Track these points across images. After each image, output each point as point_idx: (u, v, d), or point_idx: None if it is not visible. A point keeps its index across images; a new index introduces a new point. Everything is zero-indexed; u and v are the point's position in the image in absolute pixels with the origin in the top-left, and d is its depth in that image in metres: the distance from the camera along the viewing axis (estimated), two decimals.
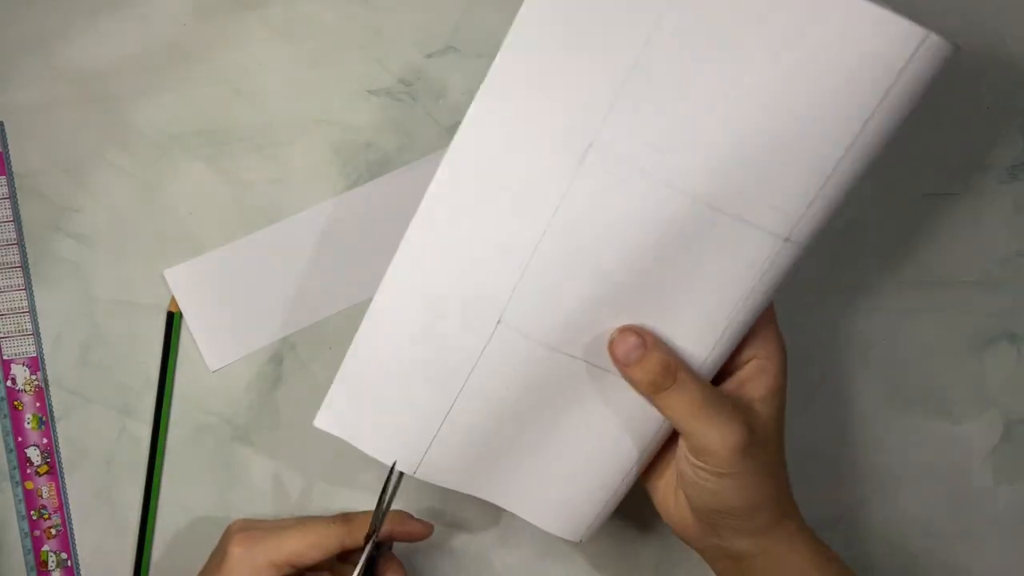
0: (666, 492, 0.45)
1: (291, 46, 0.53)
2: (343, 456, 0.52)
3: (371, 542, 0.46)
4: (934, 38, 0.37)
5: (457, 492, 0.47)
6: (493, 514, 0.50)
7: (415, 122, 0.53)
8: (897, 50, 0.37)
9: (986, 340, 0.56)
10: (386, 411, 0.45)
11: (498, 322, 0.43)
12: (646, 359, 0.41)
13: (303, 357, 0.54)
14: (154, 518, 0.54)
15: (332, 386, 0.46)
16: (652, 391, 0.41)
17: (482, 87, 0.41)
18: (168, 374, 0.53)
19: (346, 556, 0.48)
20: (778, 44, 0.38)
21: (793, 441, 0.56)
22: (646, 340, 0.41)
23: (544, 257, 0.41)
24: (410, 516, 0.49)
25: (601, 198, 0.40)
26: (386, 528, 0.48)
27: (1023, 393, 0.56)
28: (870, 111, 0.37)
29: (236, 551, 0.46)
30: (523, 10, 0.40)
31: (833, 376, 0.55)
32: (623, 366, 0.42)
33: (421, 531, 0.49)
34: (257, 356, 0.54)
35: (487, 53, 0.42)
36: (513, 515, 0.50)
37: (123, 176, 0.53)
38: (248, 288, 0.53)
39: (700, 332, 0.42)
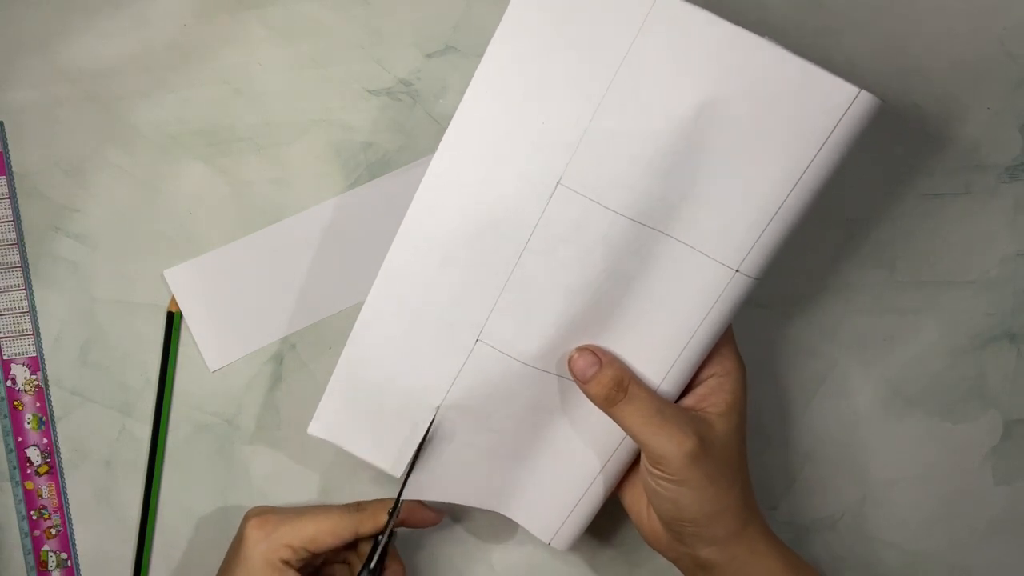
0: (639, 506, 0.48)
1: (291, 46, 0.53)
2: (343, 456, 0.52)
3: (386, 534, 0.47)
4: (865, 94, 0.41)
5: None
6: (492, 513, 0.50)
7: (415, 122, 0.53)
8: (836, 103, 0.41)
9: (986, 340, 0.56)
10: (376, 419, 0.47)
11: (476, 340, 0.45)
12: (600, 374, 0.44)
13: (303, 357, 0.54)
14: (154, 518, 0.54)
15: (324, 394, 0.47)
16: (607, 404, 0.44)
17: (452, 121, 0.43)
18: (168, 374, 0.53)
19: (354, 544, 0.50)
20: (728, 95, 0.41)
21: (793, 441, 0.56)
22: (601, 358, 0.45)
23: (518, 281, 0.44)
24: (422, 505, 0.51)
25: (569, 228, 0.43)
26: (401, 514, 0.49)
27: (1023, 393, 0.56)
28: (812, 156, 0.41)
29: (253, 533, 0.47)
30: (488, 55, 0.42)
31: (833, 376, 0.55)
32: (581, 382, 0.45)
33: (433, 518, 0.51)
34: (257, 356, 0.54)
35: None
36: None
37: (123, 176, 0.53)
38: (248, 288, 0.53)
39: (658, 352, 0.45)
